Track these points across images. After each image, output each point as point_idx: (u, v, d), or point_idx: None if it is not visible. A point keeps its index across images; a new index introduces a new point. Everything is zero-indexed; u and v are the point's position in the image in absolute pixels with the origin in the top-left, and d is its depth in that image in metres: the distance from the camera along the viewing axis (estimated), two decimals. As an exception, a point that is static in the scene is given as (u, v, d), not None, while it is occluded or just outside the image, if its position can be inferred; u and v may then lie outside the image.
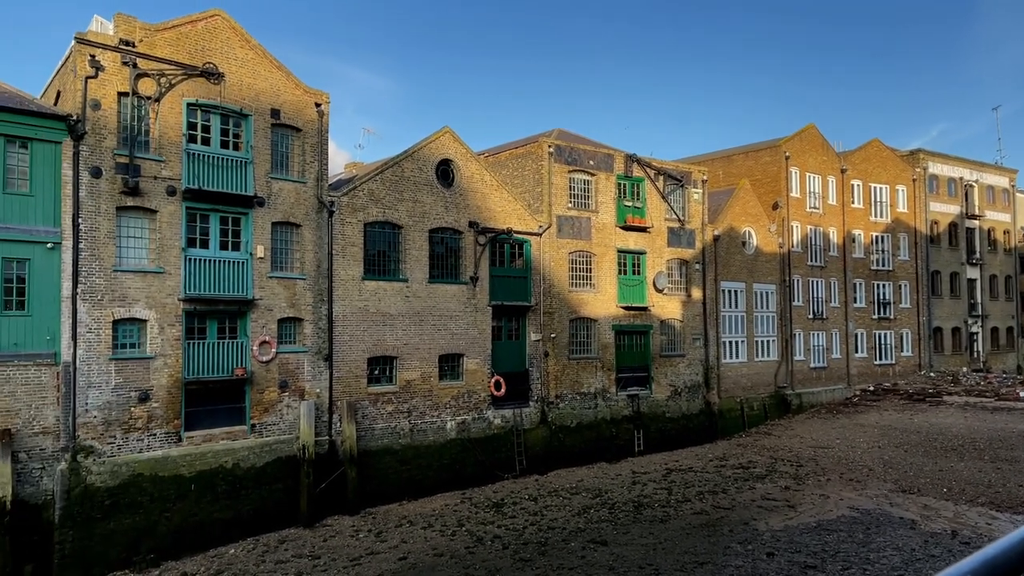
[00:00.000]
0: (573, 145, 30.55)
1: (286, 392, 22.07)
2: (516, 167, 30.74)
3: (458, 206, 26.46)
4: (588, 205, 30.85)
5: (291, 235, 22.58)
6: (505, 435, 27.19)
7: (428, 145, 25.89)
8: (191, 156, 20.25)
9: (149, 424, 19.42)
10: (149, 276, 19.58)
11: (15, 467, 17.30)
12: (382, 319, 24.31)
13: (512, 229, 27.50)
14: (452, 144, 26.50)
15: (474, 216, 26.83)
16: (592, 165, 30.86)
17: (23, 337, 17.74)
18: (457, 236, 26.61)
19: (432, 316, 25.60)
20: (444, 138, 26.31)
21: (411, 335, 25.02)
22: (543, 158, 29.47)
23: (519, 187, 30.31)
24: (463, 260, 26.66)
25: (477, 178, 27.08)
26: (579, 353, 30.22)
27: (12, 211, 17.68)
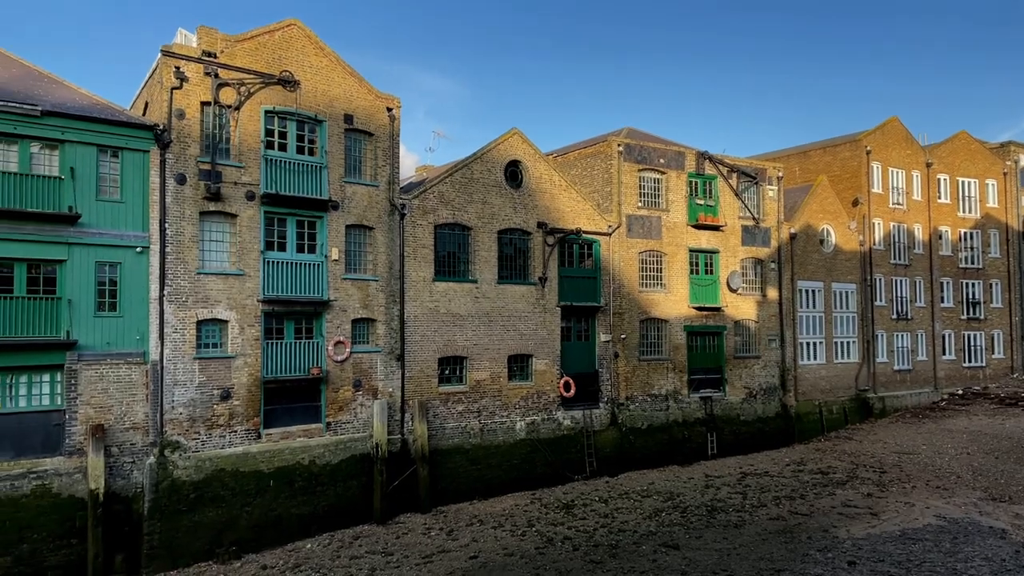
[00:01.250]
0: (643, 143, 30.23)
1: (360, 391, 22.58)
2: (585, 167, 30.63)
3: (527, 207, 26.54)
4: (659, 204, 30.48)
5: (364, 237, 23.09)
6: (575, 436, 27.13)
7: (497, 147, 26.07)
8: (269, 162, 20.96)
9: (230, 421, 20.19)
10: (230, 278, 20.36)
11: (108, 460, 18.26)
12: (452, 320, 24.61)
13: (581, 229, 27.42)
14: (520, 145, 26.61)
15: (543, 217, 26.86)
16: (663, 163, 30.47)
17: (115, 337, 18.72)
18: (526, 237, 26.70)
19: (501, 317, 25.76)
20: (512, 139, 26.45)
21: (480, 335, 25.24)
22: (612, 157, 29.28)
23: (588, 187, 30.19)
24: (532, 261, 26.73)
25: (546, 179, 27.11)
26: (650, 354, 29.88)
27: (105, 217, 18.68)
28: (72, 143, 18.32)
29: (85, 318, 18.30)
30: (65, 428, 18.01)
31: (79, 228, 18.28)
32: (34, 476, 17.47)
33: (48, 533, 17.42)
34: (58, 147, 18.26)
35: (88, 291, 18.39)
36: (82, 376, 18.20)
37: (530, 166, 26.72)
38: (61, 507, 17.64)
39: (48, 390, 18.03)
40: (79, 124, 18.36)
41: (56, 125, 18.10)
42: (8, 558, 16.89)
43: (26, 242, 17.67)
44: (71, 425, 18.05)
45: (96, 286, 18.54)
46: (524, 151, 26.66)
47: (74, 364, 18.10)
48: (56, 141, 18.19)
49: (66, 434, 17.99)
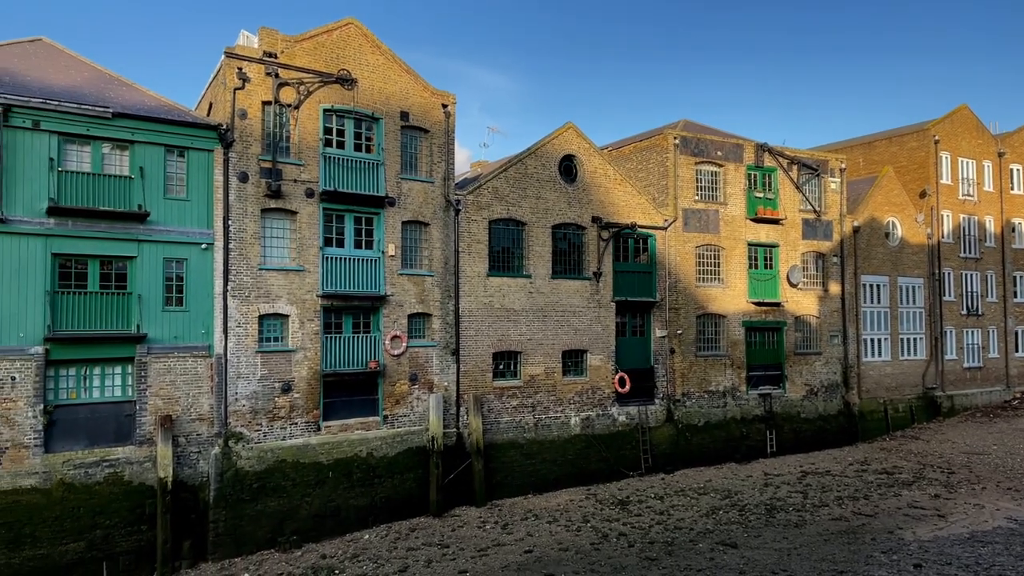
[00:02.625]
0: (700, 136, 29.85)
1: (416, 385, 22.92)
2: (640, 160, 30.40)
3: (581, 201, 26.49)
4: (716, 197, 30.06)
5: (420, 233, 23.39)
6: (630, 432, 27.01)
7: (551, 141, 26.08)
8: (327, 159, 21.40)
9: (291, 413, 20.74)
10: (290, 274, 20.88)
11: (175, 450, 18.96)
12: (506, 315, 24.74)
13: (636, 223, 27.24)
14: (575, 140, 26.55)
15: (597, 211, 26.77)
16: (720, 156, 30.03)
17: (182, 331, 19.41)
18: (580, 232, 26.65)
19: (555, 312, 25.79)
20: (567, 134, 26.41)
21: (534, 331, 25.32)
22: (668, 150, 28.99)
23: (643, 181, 29.95)
24: (586, 256, 26.67)
25: (600, 173, 27.00)
26: (707, 350, 29.53)
27: (172, 215, 19.37)
28: (141, 143, 19.03)
29: (154, 312, 19.02)
30: (136, 418, 18.76)
31: (148, 226, 19.00)
32: (107, 464, 18.26)
33: (120, 519, 18.20)
34: (128, 147, 18.99)
35: (156, 286, 19.10)
36: (151, 368, 18.93)
37: (585, 160, 26.65)
38: (132, 494, 18.40)
39: (120, 382, 18.80)
40: (148, 125, 19.06)
41: (126, 126, 18.83)
42: (82, 543, 17.71)
43: (99, 239, 18.45)
44: (141, 416, 18.79)
45: (164, 282, 19.25)
46: (579, 145, 26.60)
47: (144, 357, 18.84)
48: (126, 142, 18.93)
49: (137, 424, 18.75)
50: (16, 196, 17.66)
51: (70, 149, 18.43)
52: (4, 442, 17.35)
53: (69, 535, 17.59)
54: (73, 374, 18.28)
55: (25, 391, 17.57)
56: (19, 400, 17.53)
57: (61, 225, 18.04)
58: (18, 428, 17.50)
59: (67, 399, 18.19)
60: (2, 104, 17.39)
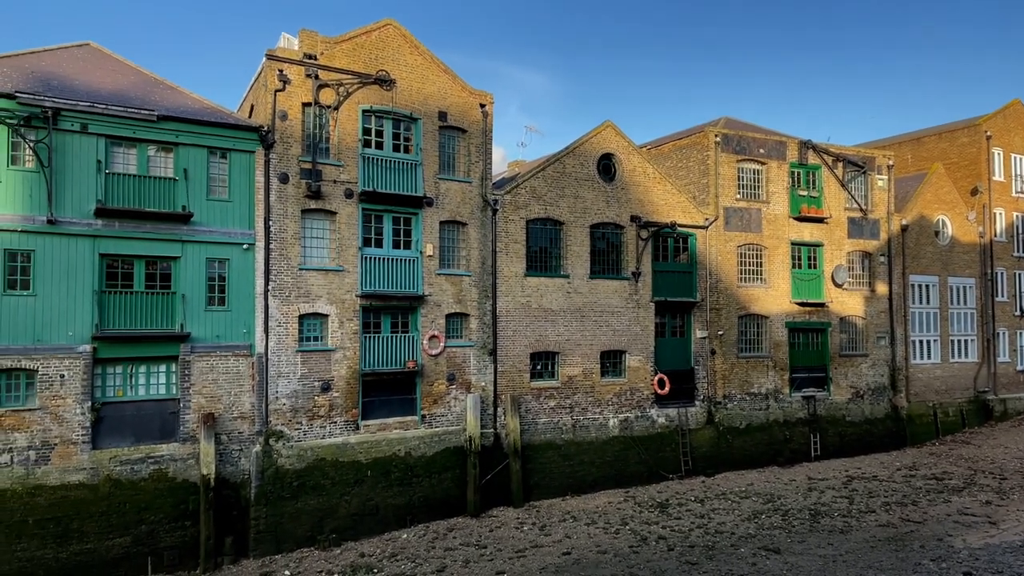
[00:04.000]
0: (741, 133, 29.48)
1: (453, 385, 23.03)
2: (680, 158, 30.15)
3: (620, 200, 26.36)
4: (758, 196, 29.68)
5: (457, 233, 23.51)
6: (669, 435, 26.81)
7: (589, 140, 25.99)
8: (366, 160, 21.62)
9: (330, 412, 20.99)
10: (330, 274, 21.14)
11: (218, 448, 19.33)
12: (544, 315, 24.73)
13: (676, 223, 27.01)
14: (614, 138, 26.43)
15: (636, 210, 26.61)
16: (762, 153, 29.64)
17: (224, 330, 19.77)
18: (619, 231, 26.52)
19: (593, 312, 25.71)
20: (605, 132, 26.31)
21: (572, 331, 25.26)
22: (709, 148, 28.69)
23: (683, 179, 29.70)
24: (625, 255, 26.54)
25: (639, 171, 26.84)
26: (749, 351, 29.18)
27: (214, 216, 19.76)
28: (185, 145, 19.44)
29: (197, 312, 19.42)
30: (179, 416, 19.17)
31: (191, 226, 19.40)
32: (152, 461, 18.70)
33: (164, 515, 18.62)
34: (172, 150, 19.42)
35: (199, 286, 19.49)
36: (194, 367, 19.33)
37: (623, 159, 26.51)
38: (176, 491, 18.81)
39: (164, 380, 19.23)
40: (192, 128, 19.47)
41: (171, 129, 19.26)
42: (128, 538, 18.15)
43: (144, 240, 18.88)
44: (185, 413, 19.20)
45: (207, 282, 19.63)
46: (617, 144, 26.47)
47: (187, 356, 19.24)
48: (171, 144, 19.35)
49: (180, 422, 19.16)
50: (65, 198, 18.17)
51: (117, 151, 18.90)
52: (53, 438, 17.88)
53: (115, 530, 18.05)
54: (120, 372, 18.75)
55: (73, 388, 18.07)
56: (68, 397, 18.05)
57: (108, 226, 18.51)
58: (67, 425, 18.01)
59: (114, 396, 18.67)
60: (52, 108, 17.92)
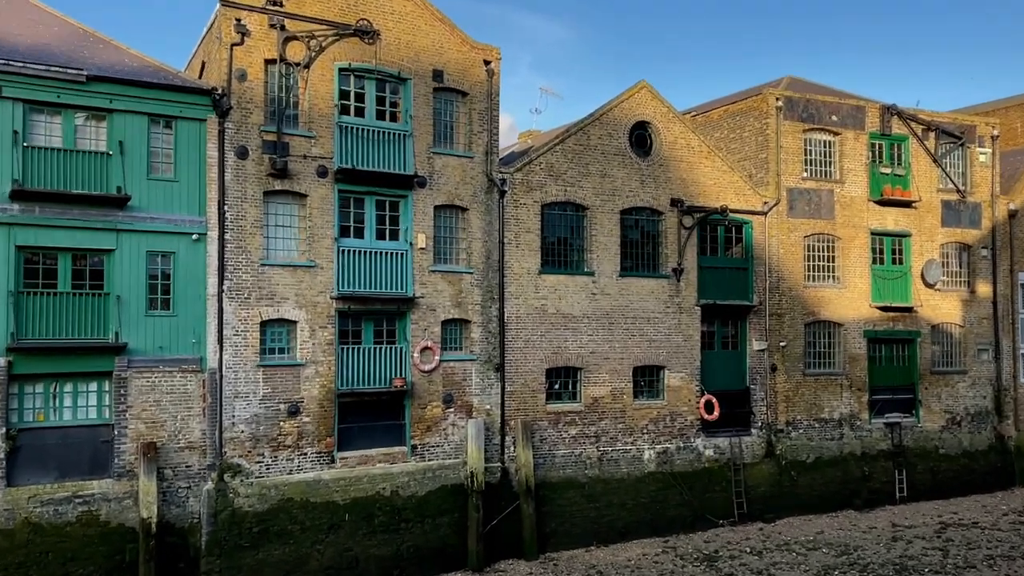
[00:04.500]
0: (809, 97, 29.42)
1: (451, 408, 23.10)
2: (733, 128, 30.12)
3: (657, 180, 26.37)
4: (830, 174, 29.62)
5: (456, 221, 23.58)
6: (719, 470, 26.79)
7: (620, 105, 26.00)
8: (344, 130, 21.71)
9: (299, 442, 21.09)
10: (299, 271, 21.25)
11: (161, 485, 19.42)
12: (563, 321, 24.78)
13: (728, 207, 26.97)
14: (650, 102, 26.44)
15: (678, 192, 26.61)
16: (835, 121, 29.56)
17: (168, 340, 19.89)
18: (656, 218, 26.53)
19: (624, 318, 25.73)
20: (640, 95, 26.31)
21: (599, 341, 25.30)
22: (769, 114, 28.65)
23: (737, 153, 29.66)
24: (664, 248, 26.54)
25: (682, 144, 26.84)
26: (818, 367, 29.13)
27: (157, 199, 19.85)
28: (121, 112, 19.53)
29: (135, 318, 19.52)
30: (114, 446, 19.27)
31: (129, 212, 19.51)
32: (80, 501, 18.80)
33: (96, 567, 18.71)
34: (106, 118, 19.53)
35: (138, 286, 19.59)
36: (132, 385, 19.44)
37: (662, 128, 26.51)
38: (110, 537, 18.90)
39: (95, 401, 19.36)
40: (129, 90, 19.55)
41: (104, 92, 19.35)
42: (53, 594, 18.29)
43: (71, 229, 18.96)
44: (121, 442, 19.30)
45: (147, 280, 19.72)
46: (654, 109, 26.47)
47: (124, 371, 19.35)
48: (103, 111, 19.46)
49: (115, 453, 19.26)
50: (-26, 177, 18.32)
51: (37, 120, 19.00)
52: (-40, 472, 18.04)
53: (36, 585, 18.17)
54: (40, 392, 18.87)
55: (-15, 411, 18.21)
56: (-22, 422, 18.19)
57: (27, 212, 18.61)
58: (-24, 456, 18.15)
59: (33, 422, 18.77)
60: (-42, 67, 18.06)
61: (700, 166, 27.07)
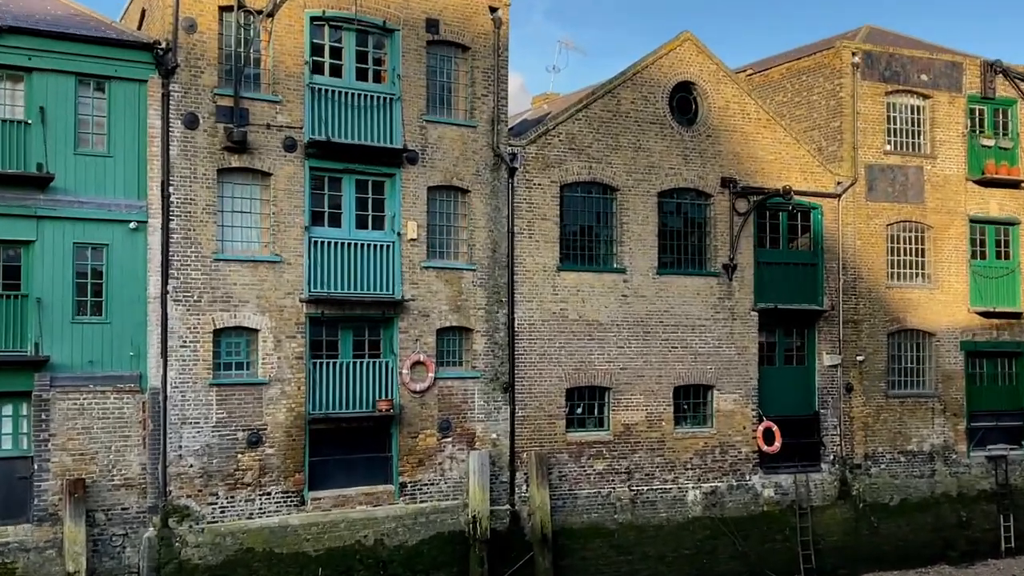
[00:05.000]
0: (893, 50, 29.33)
1: (449, 437, 23.09)
2: (798, 90, 30.06)
3: (704, 155, 26.34)
4: (918, 147, 29.57)
5: (455, 205, 23.60)
6: (780, 515, 26.74)
7: (658, 62, 25.96)
8: (316, 93, 21.70)
9: (261, 478, 21.11)
10: (261, 267, 21.24)
11: (91, 532, 19.36)
12: (587, 330, 24.76)
13: (792, 189, 26.86)
14: (695, 58, 26.40)
15: (730, 170, 26.58)
16: (925, 81, 29.48)
17: (100, 352, 19.85)
18: (703, 202, 26.52)
19: (663, 326, 25.70)
20: (683, 50, 26.28)
21: (631, 355, 25.28)
22: (843, 73, 28.56)
23: (803, 122, 29.60)
24: (712, 239, 26.53)
25: (735, 110, 26.80)
26: (903, 387, 29.09)
27: (87, 179, 19.81)
28: (42, 72, 19.47)
29: (59, 325, 19.47)
30: (33, 483, 19.21)
31: (51, 195, 19.46)
32: (-8, 550, 18.85)
33: (11, 632, 18.78)
34: (23, 78, 19.50)
35: (64, 286, 19.52)
36: (56, 409, 19.37)
37: (710, 91, 26.48)
38: (28, 596, 18.96)
39: (10, 428, 19.31)
40: (52, 44, 19.48)
41: (21, 47, 19.25)
42: (-43, 666, 18.35)
43: (-20, 215, 19.06)
44: (41, 479, 19.23)
45: (74, 279, 19.68)
46: (701, 67, 26.44)
47: (45, 391, 19.26)
48: (20, 70, 19.40)
49: (35, 492, 19.20)
50: None
51: (-61, 82, 19.10)
52: None
53: (-63, 655, 18.23)
54: (-57, 416, 18.93)
55: None
56: None
57: (-74, 195, 18.68)
58: None
59: (-66, 453, 18.84)
60: None
61: (757, 137, 27.04)
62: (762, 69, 32.06)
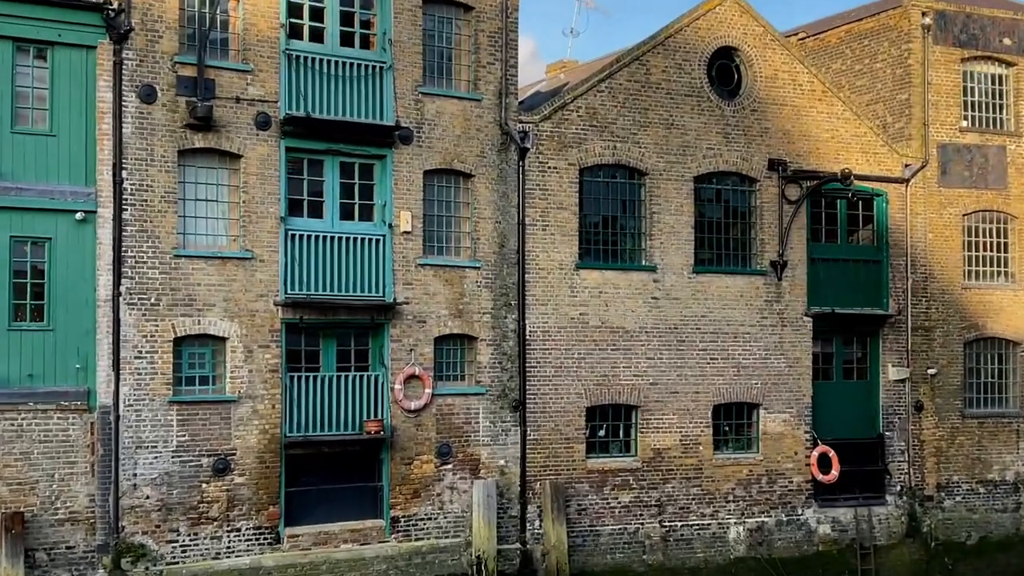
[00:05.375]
0: (970, 10, 29.27)
1: (449, 464, 23.11)
2: (858, 56, 30.02)
3: (749, 132, 26.33)
4: (1001, 123, 29.58)
5: (456, 192, 23.63)
6: (838, 555, 26.72)
7: (694, 23, 25.94)
8: (294, 61, 21.70)
9: (230, 512, 21.10)
10: (229, 265, 21.27)
11: (30, 574, 19.42)
12: (611, 338, 24.76)
13: (852, 172, 26.84)
14: (737, 19, 26.38)
15: (779, 150, 26.56)
16: (1008, 46, 29.43)
17: (42, 365, 19.83)
18: (747, 188, 26.54)
19: (700, 333, 25.70)
20: (723, 10, 26.24)
21: (663, 367, 25.27)
22: (912, 36, 28.51)
23: (865, 93, 29.58)
24: (758, 231, 26.54)
25: (785, 79, 26.77)
26: (983, 405, 29.09)
27: (26, 162, 19.78)
28: (-27, 37, 19.64)
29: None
30: (-37, 517, 19.37)
31: (-15, 181, 19.62)
32: (-85, 596, 18.95)
33: None
34: (-49, 44, 19.64)
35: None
36: (-10, 430, 19.53)
37: (756, 57, 26.47)
38: (-42, 649, 19.03)
39: (-63, 453, 19.47)
40: (-16, 5, 19.65)
41: (-52, 8, 19.47)
42: None
43: (-98, 205, 19.13)
44: (-27, 512, 19.39)
45: (11, 278, 19.66)
46: (745, 30, 26.43)
47: (-23, 410, 19.43)
48: (-52, 34, 19.57)
49: (-35, 527, 19.36)
50: None
51: None
52: None
53: None
54: None
55: None
56: None
57: None
58: None
59: None
60: None
61: (811, 112, 27.02)
62: (817, 32, 32.01)
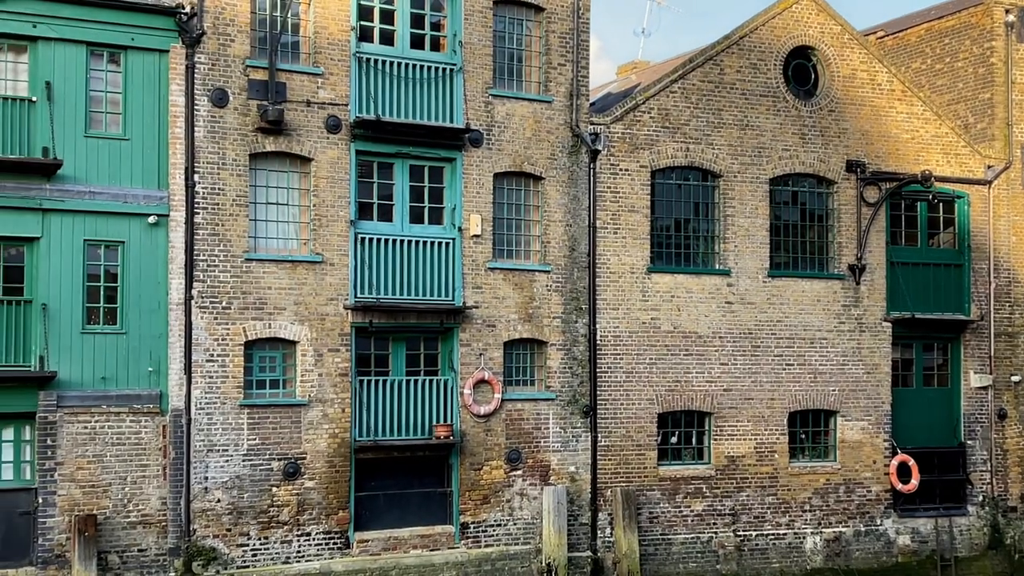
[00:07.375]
0: (1056, 6, 29.04)
1: (518, 470, 23.22)
2: (939, 55, 29.77)
3: (826, 133, 26.22)
4: (1087, 123, 29.20)
5: (526, 195, 23.74)
6: (918, 567, 26.51)
7: (770, 22, 25.88)
8: (364, 64, 21.92)
9: (300, 516, 21.34)
10: (300, 268, 21.50)
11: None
12: (684, 343, 24.76)
13: (933, 174, 26.66)
14: (814, 18, 26.28)
15: (857, 151, 26.43)
16: (1096, 43, 29.14)
17: (115, 367, 20.14)
18: (824, 190, 26.43)
19: (776, 339, 25.63)
20: (800, 8, 26.15)
21: (737, 373, 25.24)
22: (994, 34, 28.26)
23: (946, 93, 29.33)
24: (835, 235, 26.41)
25: (863, 79, 26.64)
26: (1069, 414, 28.72)
27: (99, 165, 20.11)
28: (48, 40, 19.81)
29: (68, 335, 19.77)
30: (37, 520, 19.52)
31: (58, 185, 19.79)
32: (-10, 597, 19.33)
33: None
34: (27, 48, 19.88)
35: (73, 290, 19.82)
36: (63, 433, 19.67)
37: (833, 56, 26.37)
38: (32, 650, 19.39)
39: (12, 455, 19.72)
40: (60, 9, 19.79)
41: (24, 13, 19.60)
42: None
43: (-22, 208, 19.46)
44: (47, 514, 19.51)
45: (85, 282, 19.98)
46: (822, 29, 26.33)
47: (51, 412, 19.55)
48: (24, 39, 19.77)
49: (39, 530, 19.51)
50: None
51: (-68, 54, 19.53)
52: None
53: None
54: (-67, 441, 19.37)
55: None
56: None
57: (-83, 184, 19.10)
58: None
59: (-76, 484, 19.29)
60: None
61: (890, 113, 26.87)
62: (895, 31, 31.79)
